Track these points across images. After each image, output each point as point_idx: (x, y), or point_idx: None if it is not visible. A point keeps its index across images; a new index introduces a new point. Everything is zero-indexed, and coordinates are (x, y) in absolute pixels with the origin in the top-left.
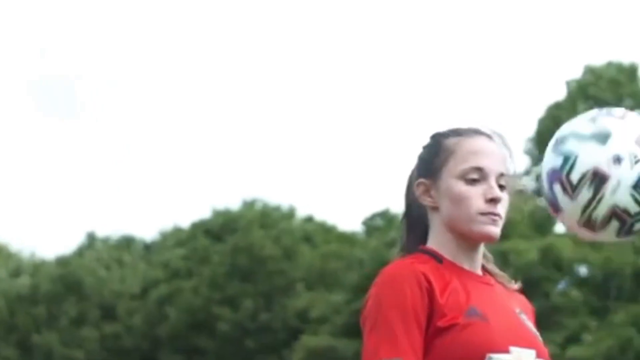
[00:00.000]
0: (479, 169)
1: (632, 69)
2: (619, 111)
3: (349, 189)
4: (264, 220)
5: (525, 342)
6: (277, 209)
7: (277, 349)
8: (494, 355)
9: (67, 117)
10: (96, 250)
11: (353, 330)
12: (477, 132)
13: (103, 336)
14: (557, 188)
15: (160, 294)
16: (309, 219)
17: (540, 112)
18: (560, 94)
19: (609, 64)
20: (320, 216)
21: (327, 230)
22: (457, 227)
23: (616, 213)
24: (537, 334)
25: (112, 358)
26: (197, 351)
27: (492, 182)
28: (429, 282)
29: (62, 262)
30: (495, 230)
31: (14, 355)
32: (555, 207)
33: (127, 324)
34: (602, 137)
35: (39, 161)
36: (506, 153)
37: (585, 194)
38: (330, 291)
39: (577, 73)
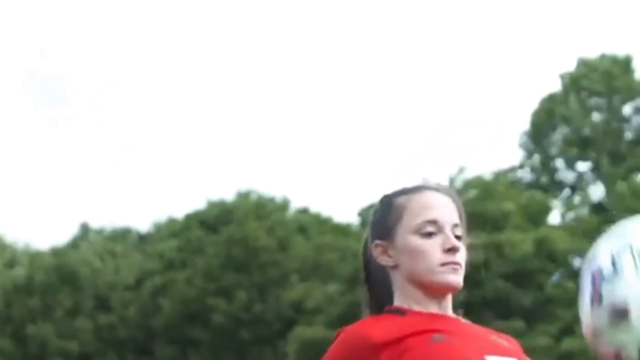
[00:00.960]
0: (433, 222)
1: (626, 61)
2: None
3: (344, 180)
4: (258, 211)
5: (502, 353)
6: (271, 200)
7: (272, 340)
8: None
9: (62, 109)
10: (90, 242)
11: (347, 322)
12: (423, 187)
13: (97, 327)
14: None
15: (154, 285)
16: (304, 211)
17: (534, 105)
18: (554, 87)
19: (603, 57)
20: (315, 208)
21: (322, 222)
22: (420, 280)
23: None
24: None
25: (106, 349)
26: (192, 342)
27: (448, 232)
28: (374, 343)
29: (56, 253)
30: (457, 279)
31: (9, 346)
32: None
33: (122, 314)
34: None
35: (32, 152)
36: (456, 204)
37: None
38: (324, 282)
39: (571, 66)
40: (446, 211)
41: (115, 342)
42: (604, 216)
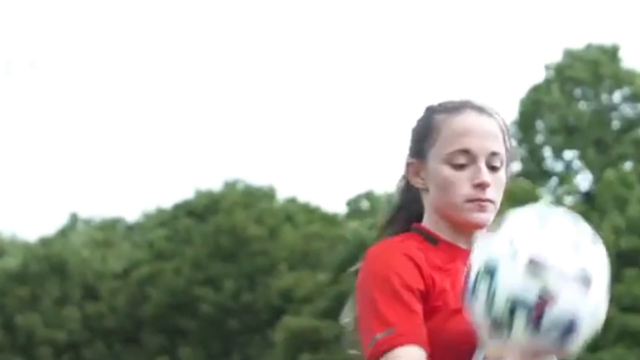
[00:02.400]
0: (465, 152)
1: (613, 50)
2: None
3: (332, 170)
4: (245, 200)
5: None
6: (258, 189)
7: (260, 329)
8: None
9: (50, 100)
10: (78, 232)
11: (336, 311)
12: (466, 106)
13: (85, 316)
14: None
15: (142, 275)
16: (292, 200)
17: (521, 95)
18: (541, 77)
19: (589, 47)
20: (303, 198)
21: (310, 211)
22: (445, 213)
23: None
24: None
25: (94, 338)
26: (180, 331)
27: (481, 164)
28: (419, 258)
29: (45, 243)
30: (484, 216)
31: (0, 336)
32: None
33: (110, 304)
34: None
35: (21, 143)
36: (499, 128)
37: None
38: (313, 272)
39: (558, 57)
40: (484, 139)
41: (103, 331)
42: (591, 205)
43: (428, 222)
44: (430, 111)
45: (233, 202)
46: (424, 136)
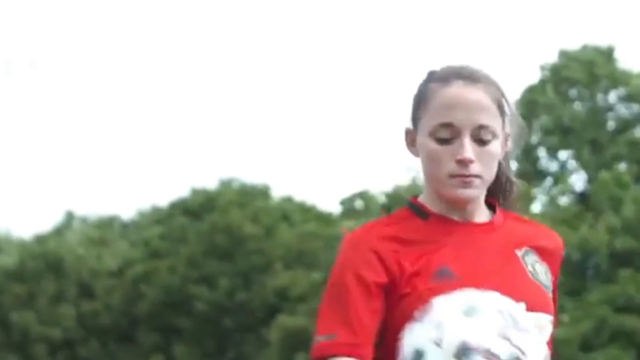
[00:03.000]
0: (449, 125)
1: (609, 51)
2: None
3: (326, 169)
4: (241, 199)
5: (512, 296)
6: (254, 188)
7: (255, 328)
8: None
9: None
10: (74, 230)
11: None
12: (455, 76)
13: (81, 314)
14: None
15: (137, 273)
16: (288, 199)
17: (516, 95)
18: (536, 78)
19: (585, 47)
20: (298, 196)
21: (306, 210)
22: (433, 186)
23: None
24: (543, 279)
25: (89, 336)
26: (174, 330)
27: (465, 139)
28: (385, 249)
29: (41, 240)
30: (468, 192)
31: None
32: None
33: (106, 302)
34: None
35: (18, 141)
36: (491, 99)
37: None
38: (309, 270)
39: (554, 58)
40: (469, 112)
41: (98, 329)
42: (586, 205)
43: (425, 193)
44: (428, 78)
45: (228, 201)
46: (417, 105)
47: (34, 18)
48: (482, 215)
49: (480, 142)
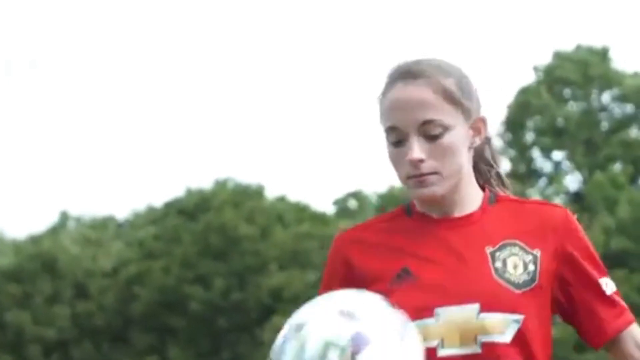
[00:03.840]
0: (394, 128)
1: (603, 52)
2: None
3: (320, 169)
4: (236, 199)
5: (464, 297)
6: (247, 187)
7: (250, 328)
8: (415, 323)
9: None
10: (68, 231)
11: None
12: (397, 77)
13: (75, 314)
14: None
15: (131, 273)
16: (282, 199)
17: (510, 96)
18: (530, 79)
19: (578, 48)
20: (294, 196)
21: (300, 210)
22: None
23: None
24: (512, 275)
25: (83, 336)
26: (169, 330)
27: (412, 139)
28: (356, 250)
29: (35, 241)
30: (427, 191)
31: None
32: None
33: (100, 302)
34: None
35: (16, 141)
36: (433, 91)
37: None
38: (303, 271)
39: (548, 59)
40: (409, 111)
41: (92, 329)
42: (580, 205)
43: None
44: (385, 79)
45: (223, 201)
46: (379, 108)
47: (34, 18)
48: (466, 206)
49: (430, 137)
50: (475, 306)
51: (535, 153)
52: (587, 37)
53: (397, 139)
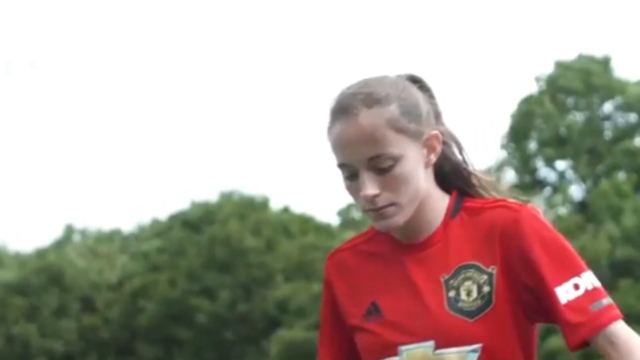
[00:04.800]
0: (344, 165)
1: (605, 61)
2: None
3: (324, 180)
4: (241, 211)
5: (421, 334)
6: (252, 199)
7: (256, 340)
8: None
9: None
10: (74, 244)
11: None
12: (335, 112)
13: (81, 327)
14: None
15: (136, 286)
16: (286, 210)
17: (512, 107)
18: (533, 89)
19: (580, 57)
20: (298, 208)
21: (305, 221)
22: None
23: None
24: (466, 304)
25: (90, 349)
26: (175, 342)
27: (362, 175)
28: (336, 280)
29: (41, 254)
30: (387, 222)
31: (0, 346)
32: None
33: (106, 315)
34: None
35: (17, 150)
36: (373, 126)
37: None
38: (309, 282)
39: (550, 69)
40: (354, 149)
41: (98, 342)
42: (585, 214)
43: None
44: (327, 114)
45: (228, 213)
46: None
47: (34, 18)
48: (433, 225)
49: (381, 170)
50: (431, 343)
51: (539, 163)
52: (589, 46)
53: (349, 173)
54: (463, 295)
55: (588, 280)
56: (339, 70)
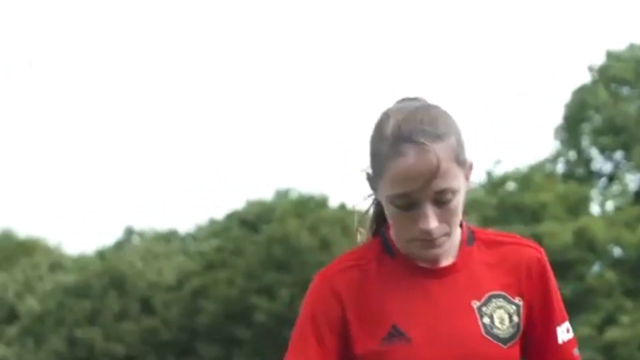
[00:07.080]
0: (405, 195)
1: None
2: None
3: None
4: (298, 209)
5: (453, 357)
6: (311, 198)
7: None
8: None
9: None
10: (133, 246)
11: None
12: (408, 140)
13: (142, 329)
14: None
15: (195, 286)
16: (343, 207)
17: (566, 98)
18: (584, 79)
19: (631, 46)
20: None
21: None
22: (397, 242)
23: None
24: (500, 330)
25: (151, 351)
26: (235, 341)
27: (426, 208)
28: (346, 292)
29: (102, 256)
30: (434, 252)
31: (62, 348)
32: None
33: (164, 316)
34: None
35: (79, 157)
36: (446, 157)
37: None
38: None
39: (601, 59)
40: (426, 181)
41: (159, 343)
42: None
43: (392, 229)
44: (380, 134)
45: (285, 211)
46: (374, 161)
47: (34, 18)
48: (452, 252)
49: (442, 203)
50: None
51: (594, 152)
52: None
53: (407, 203)
54: (497, 322)
55: (569, 326)
56: (387, 69)
